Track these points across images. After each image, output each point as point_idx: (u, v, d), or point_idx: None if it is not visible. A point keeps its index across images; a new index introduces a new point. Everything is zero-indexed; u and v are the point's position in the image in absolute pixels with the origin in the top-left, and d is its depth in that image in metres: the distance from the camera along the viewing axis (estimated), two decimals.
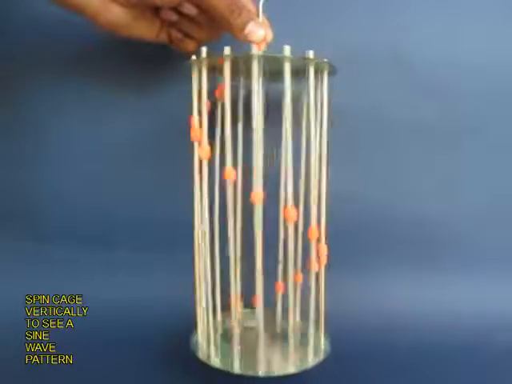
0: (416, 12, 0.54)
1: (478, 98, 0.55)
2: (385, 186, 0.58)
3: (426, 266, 0.59)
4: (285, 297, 0.45)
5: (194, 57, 0.39)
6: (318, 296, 0.43)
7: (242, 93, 0.46)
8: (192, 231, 0.43)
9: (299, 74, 0.40)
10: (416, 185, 0.58)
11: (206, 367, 0.42)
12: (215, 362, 0.42)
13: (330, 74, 0.41)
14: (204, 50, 0.39)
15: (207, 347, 0.43)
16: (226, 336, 0.45)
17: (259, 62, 0.37)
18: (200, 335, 0.44)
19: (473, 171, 0.57)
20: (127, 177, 0.59)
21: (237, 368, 0.41)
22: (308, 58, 0.38)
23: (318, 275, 0.43)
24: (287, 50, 0.37)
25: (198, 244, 0.43)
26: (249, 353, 0.42)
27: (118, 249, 0.61)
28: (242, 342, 0.42)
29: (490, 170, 0.57)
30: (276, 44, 0.39)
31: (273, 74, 0.41)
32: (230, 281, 0.42)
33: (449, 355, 0.51)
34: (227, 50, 0.37)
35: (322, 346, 0.44)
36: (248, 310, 0.51)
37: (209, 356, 0.43)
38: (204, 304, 0.43)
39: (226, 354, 0.43)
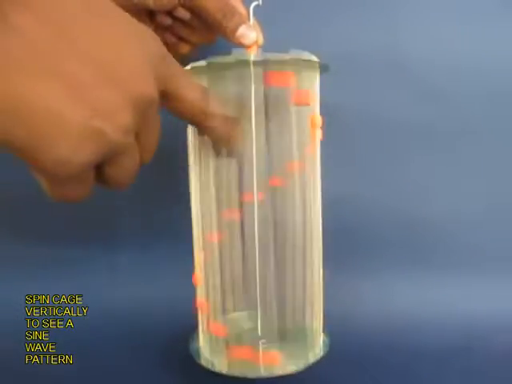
0: (413, 14, 0.54)
1: (476, 99, 0.55)
2: (383, 187, 0.58)
3: (424, 267, 0.59)
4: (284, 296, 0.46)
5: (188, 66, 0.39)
6: (318, 294, 0.44)
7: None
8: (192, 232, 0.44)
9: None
10: (414, 186, 0.58)
11: (206, 368, 0.42)
12: (215, 365, 0.42)
13: (321, 72, 0.41)
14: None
15: (207, 351, 0.44)
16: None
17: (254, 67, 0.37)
18: (201, 339, 0.45)
19: (471, 172, 0.57)
20: None
21: (237, 370, 0.41)
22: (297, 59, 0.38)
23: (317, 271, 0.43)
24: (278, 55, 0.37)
25: (198, 245, 0.43)
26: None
27: (118, 249, 0.61)
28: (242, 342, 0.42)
29: (488, 172, 0.57)
30: (273, 47, 0.39)
31: None
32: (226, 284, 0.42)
33: (446, 356, 0.51)
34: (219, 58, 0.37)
35: (321, 343, 0.44)
36: (246, 312, 0.51)
37: (209, 360, 0.43)
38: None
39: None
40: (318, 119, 0.41)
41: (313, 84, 0.41)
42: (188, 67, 0.39)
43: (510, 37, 0.54)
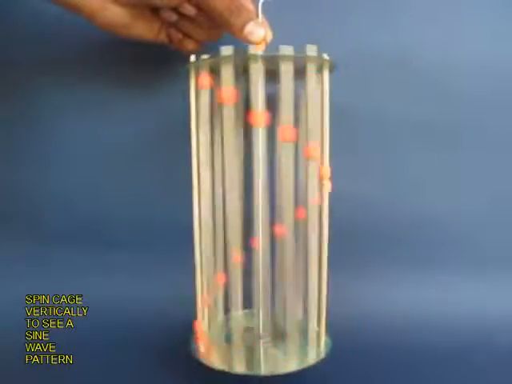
0: (417, 12, 0.54)
1: (478, 98, 0.55)
2: (385, 186, 0.58)
3: (426, 267, 0.59)
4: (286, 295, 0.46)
5: (192, 58, 0.40)
6: (320, 293, 0.43)
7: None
8: (192, 231, 0.43)
9: (298, 73, 0.40)
10: (416, 185, 0.58)
11: (206, 367, 0.42)
12: (216, 363, 0.42)
13: (330, 70, 0.41)
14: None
15: (207, 349, 0.44)
16: (227, 336, 0.45)
17: (261, 62, 0.37)
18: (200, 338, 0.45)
19: (473, 171, 0.57)
20: (127, 177, 0.59)
21: (237, 368, 0.41)
22: (308, 56, 0.38)
23: (319, 272, 0.43)
24: (287, 49, 0.37)
25: (199, 244, 0.43)
26: (250, 352, 0.42)
27: (117, 249, 0.60)
28: (243, 341, 0.42)
29: (491, 170, 0.57)
30: (276, 45, 0.39)
31: (272, 73, 0.41)
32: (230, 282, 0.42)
33: (449, 356, 0.51)
34: (227, 50, 0.37)
35: (323, 344, 0.44)
36: (248, 310, 0.51)
37: (210, 357, 0.43)
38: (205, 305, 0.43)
39: (227, 354, 0.43)
40: (327, 170, 0.41)
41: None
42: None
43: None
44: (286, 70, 0.38)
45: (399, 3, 0.54)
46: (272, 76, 0.39)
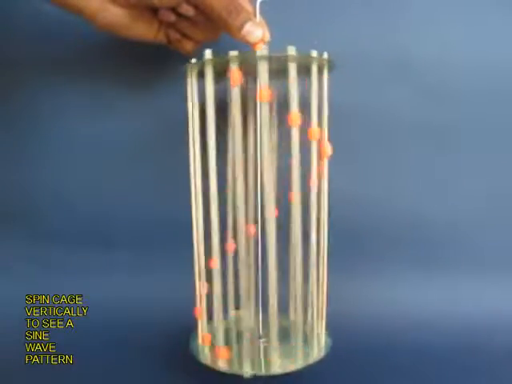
0: (416, 12, 0.54)
1: (477, 97, 0.55)
2: (385, 186, 0.58)
3: (425, 267, 0.58)
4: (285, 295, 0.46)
5: (193, 60, 0.40)
6: (320, 293, 0.43)
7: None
8: (191, 231, 0.44)
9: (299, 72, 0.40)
10: (416, 185, 0.58)
11: (205, 367, 0.42)
12: (215, 363, 0.42)
13: (329, 70, 0.41)
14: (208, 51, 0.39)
15: (207, 349, 0.44)
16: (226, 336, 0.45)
17: (266, 63, 0.37)
18: (200, 336, 0.45)
19: (473, 171, 0.57)
20: (127, 177, 0.59)
21: (237, 368, 0.41)
22: (311, 56, 0.38)
23: (319, 271, 0.43)
24: (292, 50, 0.37)
25: (197, 244, 0.43)
26: (249, 352, 0.42)
27: (117, 249, 0.61)
28: (243, 341, 0.42)
29: (490, 170, 0.57)
30: (275, 45, 0.39)
31: (273, 72, 0.41)
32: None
33: (449, 356, 0.51)
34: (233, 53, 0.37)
35: (323, 344, 0.44)
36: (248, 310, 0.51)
37: (208, 357, 0.43)
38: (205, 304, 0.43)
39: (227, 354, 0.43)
40: (328, 148, 0.41)
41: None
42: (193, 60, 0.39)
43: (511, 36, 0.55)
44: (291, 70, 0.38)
45: (398, 3, 0.54)
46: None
